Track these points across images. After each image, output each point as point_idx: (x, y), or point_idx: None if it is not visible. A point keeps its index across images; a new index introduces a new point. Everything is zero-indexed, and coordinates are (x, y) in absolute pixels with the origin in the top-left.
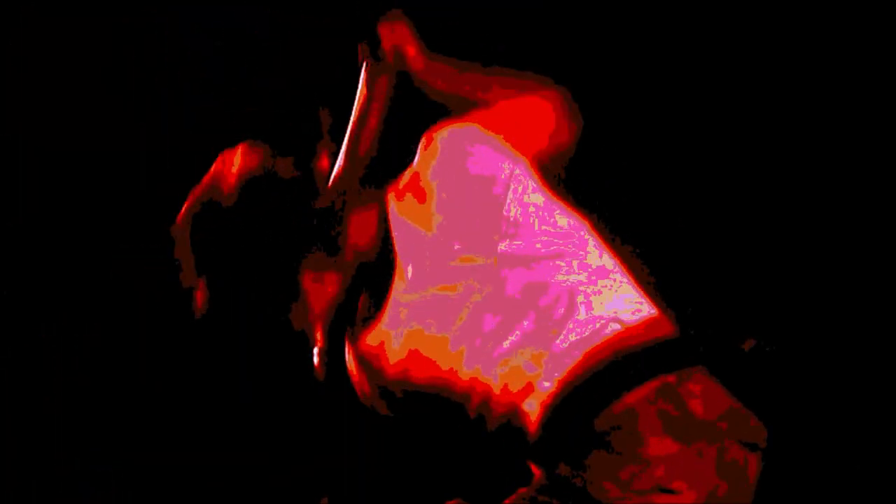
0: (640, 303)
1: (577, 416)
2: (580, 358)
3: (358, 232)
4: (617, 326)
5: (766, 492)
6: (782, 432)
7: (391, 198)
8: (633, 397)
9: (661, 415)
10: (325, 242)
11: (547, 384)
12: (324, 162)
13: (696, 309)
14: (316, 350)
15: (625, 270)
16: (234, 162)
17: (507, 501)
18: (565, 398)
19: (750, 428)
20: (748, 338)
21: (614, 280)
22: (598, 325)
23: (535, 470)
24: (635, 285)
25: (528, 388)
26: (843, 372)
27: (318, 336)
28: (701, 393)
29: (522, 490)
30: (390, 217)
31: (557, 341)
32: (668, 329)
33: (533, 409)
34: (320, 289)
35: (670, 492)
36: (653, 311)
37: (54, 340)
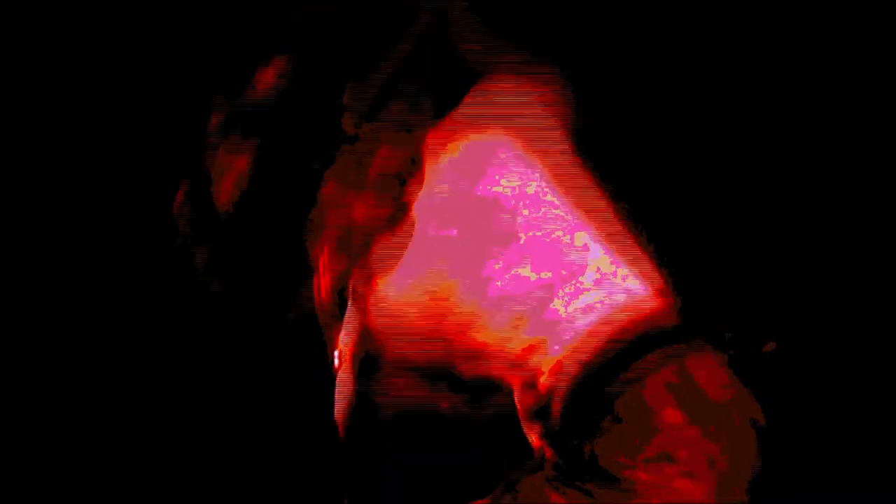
0: (651, 280)
1: (592, 385)
2: (593, 325)
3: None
4: (624, 297)
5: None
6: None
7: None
8: (642, 368)
9: (669, 387)
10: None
11: (556, 348)
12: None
13: (711, 306)
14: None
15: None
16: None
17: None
18: (579, 366)
19: (753, 408)
20: (770, 340)
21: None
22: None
23: (537, 444)
24: (648, 262)
25: (533, 349)
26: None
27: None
28: (707, 372)
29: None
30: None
31: (563, 303)
32: (672, 316)
33: (542, 371)
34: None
35: (675, 461)
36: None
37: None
